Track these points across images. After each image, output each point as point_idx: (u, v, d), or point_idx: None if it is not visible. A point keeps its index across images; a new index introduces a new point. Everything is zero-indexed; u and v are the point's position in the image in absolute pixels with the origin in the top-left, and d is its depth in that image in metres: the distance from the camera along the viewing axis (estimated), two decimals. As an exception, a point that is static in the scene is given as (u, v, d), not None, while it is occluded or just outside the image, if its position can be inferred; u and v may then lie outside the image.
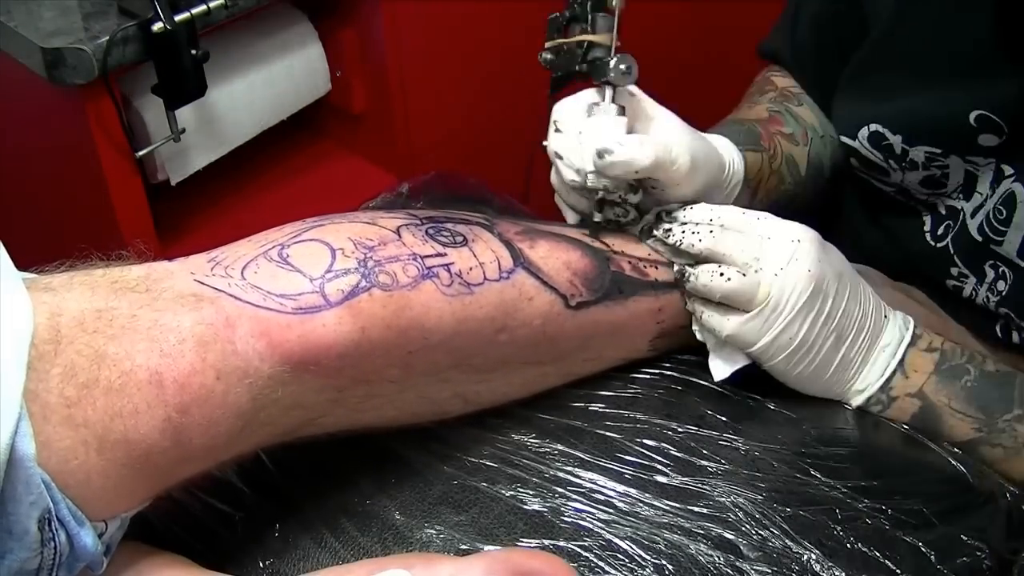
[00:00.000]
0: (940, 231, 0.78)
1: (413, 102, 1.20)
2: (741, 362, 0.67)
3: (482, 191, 0.90)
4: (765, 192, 0.79)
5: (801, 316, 0.63)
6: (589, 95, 0.68)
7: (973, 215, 0.75)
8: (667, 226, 0.67)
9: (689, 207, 0.68)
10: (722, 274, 0.64)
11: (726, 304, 0.65)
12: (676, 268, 0.68)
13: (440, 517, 0.62)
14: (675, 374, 0.72)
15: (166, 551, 0.57)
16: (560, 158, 0.69)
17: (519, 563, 0.53)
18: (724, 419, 0.68)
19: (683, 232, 0.66)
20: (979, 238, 0.74)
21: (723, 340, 0.66)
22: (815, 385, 0.67)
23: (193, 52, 0.96)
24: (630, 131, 0.66)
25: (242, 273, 0.55)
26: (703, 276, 0.65)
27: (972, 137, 0.72)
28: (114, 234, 1.01)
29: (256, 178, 1.21)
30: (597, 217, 0.69)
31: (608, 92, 0.66)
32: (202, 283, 0.54)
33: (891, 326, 0.67)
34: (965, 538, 0.61)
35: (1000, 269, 0.74)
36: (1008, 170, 0.72)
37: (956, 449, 0.67)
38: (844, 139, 0.80)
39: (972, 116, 0.71)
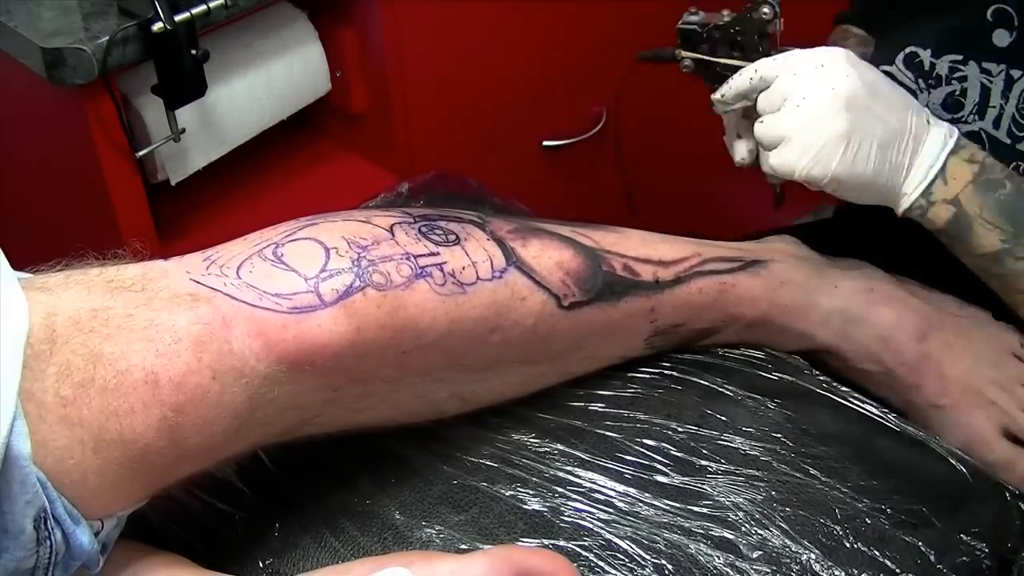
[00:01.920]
0: None
1: (413, 102, 1.20)
2: None
3: (481, 191, 0.90)
4: None
5: (836, 131, 0.66)
6: None
7: (996, 125, 0.77)
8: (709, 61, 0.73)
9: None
10: (756, 71, 0.69)
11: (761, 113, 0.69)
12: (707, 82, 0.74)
13: (440, 517, 0.62)
14: (675, 374, 0.72)
15: (165, 551, 0.57)
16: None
17: (520, 561, 0.53)
18: (724, 419, 0.68)
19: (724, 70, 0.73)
20: (1008, 140, 0.77)
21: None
22: (871, 191, 0.69)
23: (193, 52, 0.96)
24: None
25: (237, 272, 0.55)
26: (739, 80, 0.71)
27: (988, 34, 0.75)
28: (114, 234, 1.01)
29: (256, 178, 1.21)
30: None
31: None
32: (198, 282, 0.54)
33: (934, 132, 0.69)
34: (965, 538, 0.61)
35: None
36: (1017, 73, 0.75)
37: (959, 452, 0.68)
38: (884, 68, 0.81)
39: (989, 11, 0.74)
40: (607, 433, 0.67)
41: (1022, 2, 0.73)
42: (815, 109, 0.66)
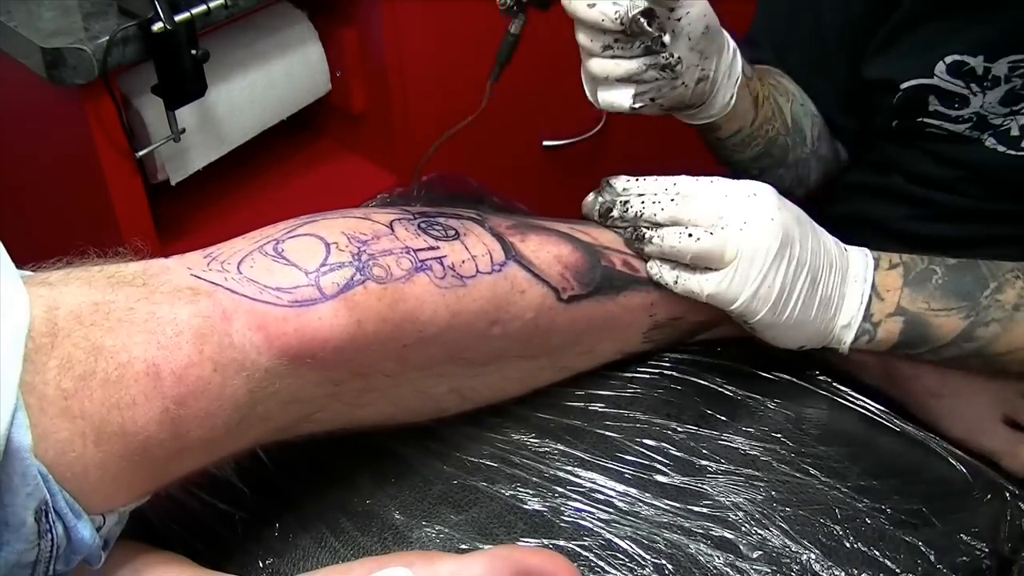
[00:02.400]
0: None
1: (413, 102, 1.20)
2: None
3: (482, 191, 0.90)
4: (763, 119, 0.80)
5: (776, 263, 0.64)
6: None
7: None
8: (624, 199, 0.68)
9: (642, 178, 0.69)
10: (690, 235, 0.64)
11: (697, 265, 0.65)
12: (634, 232, 0.68)
13: (440, 516, 0.62)
14: (675, 374, 0.72)
15: (165, 551, 0.57)
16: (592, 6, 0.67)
17: (520, 560, 0.53)
18: (724, 419, 0.68)
19: (642, 203, 0.67)
20: None
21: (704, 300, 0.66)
22: (804, 332, 0.67)
23: (193, 52, 0.96)
24: None
25: (238, 267, 0.55)
26: (670, 238, 0.65)
27: None
28: (114, 234, 1.01)
29: (256, 178, 1.21)
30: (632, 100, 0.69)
31: None
32: (199, 277, 0.54)
33: (854, 257, 0.69)
34: (965, 538, 0.61)
35: None
36: None
37: (959, 452, 0.68)
38: (918, 81, 0.80)
39: None
40: (607, 433, 0.67)
41: None
42: (758, 236, 0.63)
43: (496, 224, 0.65)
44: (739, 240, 0.63)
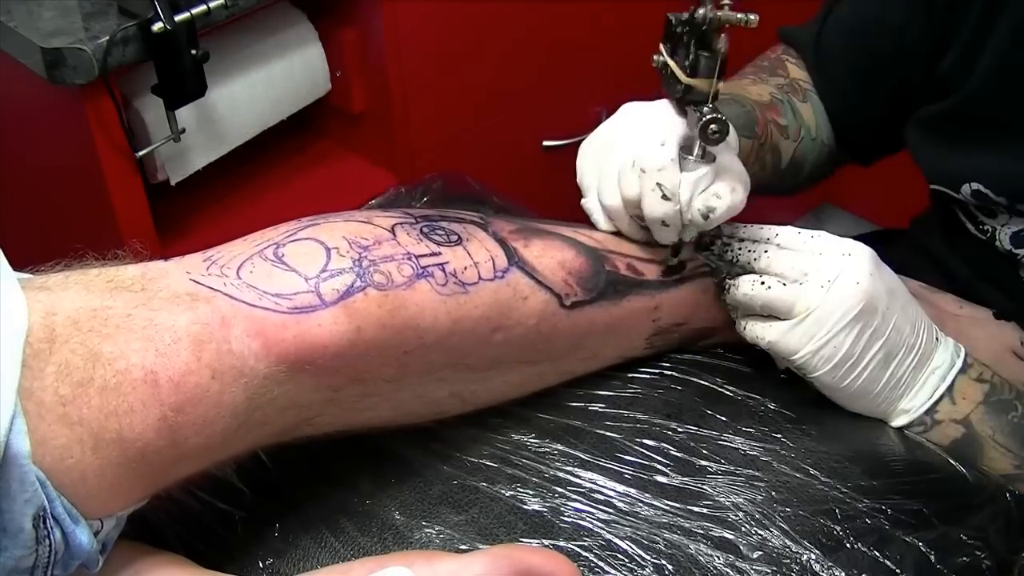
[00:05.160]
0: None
1: (413, 102, 1.20)
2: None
3: (482, 192, 0.90)
4: (759, 169, 0.79)
5: (848, 329, 0.63)
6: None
7: None
8: (724, 241, 0.69)
9: (746, 226, 0.69)
10: (763, 283, 0.65)
11: (767, 314, 0.66)
12: (716, 279, 0.69)
13: (440, 517, 0.62)
14: (675, 374, 0.72)
15: (165, 551, 0.57)
16: (666, 225, 0.67)
17: (521, 560, 0.53)
18: (724, 419, 0.68)
19: (740, 249, 0.68)
20: None
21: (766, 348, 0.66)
22: (860, 402, 0.67)
23: (193, 52, 0.96)
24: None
25: (237, 272, 0.55)
26: (744, 286, 0.66)
27: None
28: (114, 234, 1.01)
29: (256, 178, 1.21)
30: (673, 261, 0.69)
31: (698, 145, 0.65)
32: (198, 282, 0.54)
33: (942, 350, 0.67)
34: (965, 538, 0.61)
35: None
36: None
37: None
38: (942, 188, 0.79)
39: None
40: (607, 433, 0.67)
41: None
42: (837, 297, 0.62)
43: (499, 228, 0.65)
44: (814, 297, 0.63)
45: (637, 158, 0.66)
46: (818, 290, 0.63)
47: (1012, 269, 0.78)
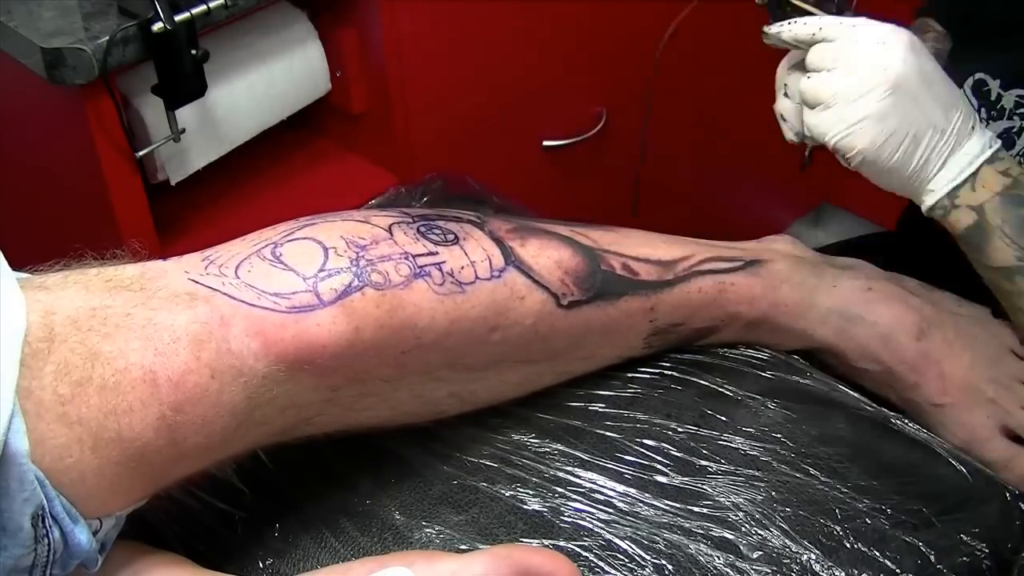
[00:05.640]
0: None
1: (413, 102, 1.20)
2: None
3: (482, 192, 0.90)
4: None
5: (879, 108, 0.65)
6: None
7: None
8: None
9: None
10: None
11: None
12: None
13: (440, 517, 0.62)
14: (675, 374, 0.72)
15: (165, 551, 0.57)
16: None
17: (521, 560, 0.53)
18: (724, 419, 0.68)
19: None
20: None
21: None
22: (894, 178, 0.68)
23: (193, 52, 0.96)
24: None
25: (236, 272, 0.55)
26: (797, 27, 0.68)
27: None
28: (114, 234, 1.01)
29: (256, 178, 1.21)
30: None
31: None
32: (196, 282, 0.54)
33: (977, 138, 0.68)
34: (965, 538, 0.61)
35: None
36: None
37: (959, 452, 0.68)
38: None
39: None
40: (607, 433, 0.67)
41: None
42: (862, 84, 0.65)
43: (496, 228, 0.65)
44: (842, 84, 0.65)
45: None
46: (847, 78, 0.65)
47: None
